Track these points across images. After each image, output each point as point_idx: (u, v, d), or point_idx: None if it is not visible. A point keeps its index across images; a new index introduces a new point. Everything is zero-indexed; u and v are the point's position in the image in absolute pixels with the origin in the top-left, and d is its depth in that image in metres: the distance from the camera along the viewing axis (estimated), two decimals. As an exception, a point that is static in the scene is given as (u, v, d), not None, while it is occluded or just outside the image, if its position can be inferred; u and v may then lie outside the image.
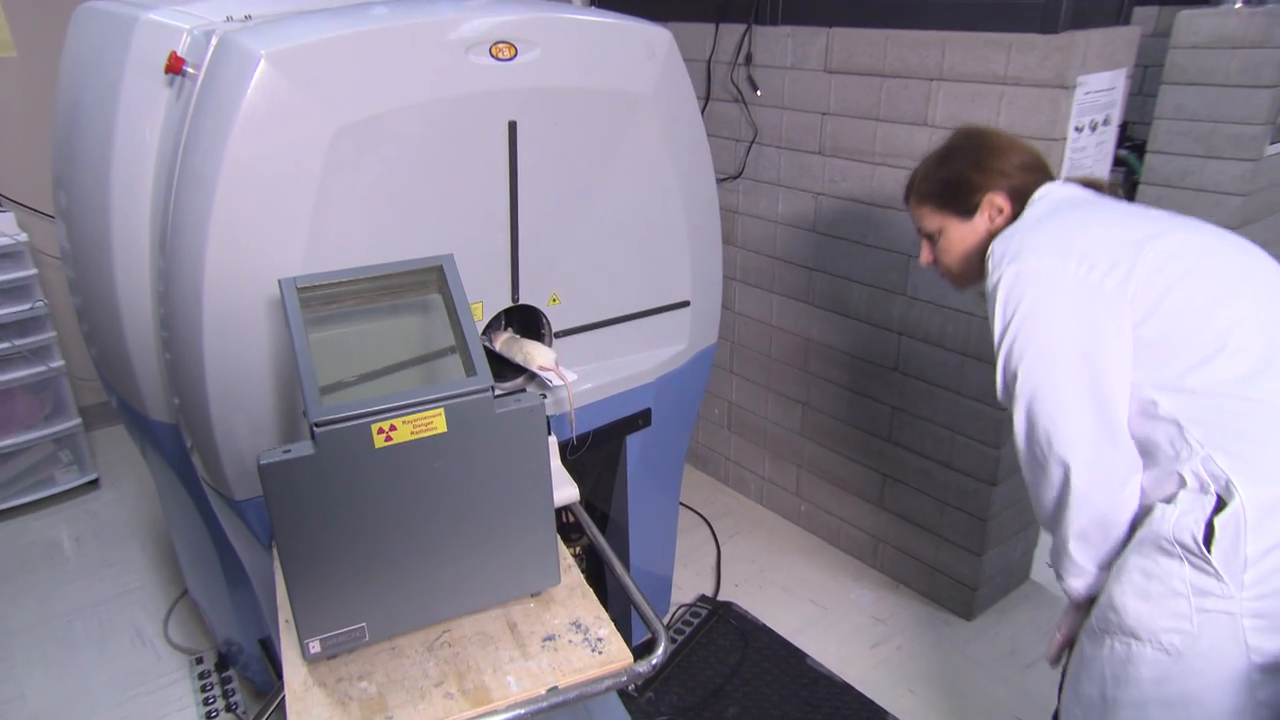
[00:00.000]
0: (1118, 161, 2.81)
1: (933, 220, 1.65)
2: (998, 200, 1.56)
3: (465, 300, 1.34)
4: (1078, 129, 2.18)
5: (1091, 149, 2.25)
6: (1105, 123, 2.26)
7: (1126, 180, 2.92)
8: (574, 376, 1.86)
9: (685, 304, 2.21)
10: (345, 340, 1.40)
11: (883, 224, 2.57)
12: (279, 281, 1.33)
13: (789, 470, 3.23)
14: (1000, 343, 1.32)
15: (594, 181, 1.92)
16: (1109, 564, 1.25)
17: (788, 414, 3.15)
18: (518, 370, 1.99)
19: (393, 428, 1.21)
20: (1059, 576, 1.31)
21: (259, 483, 1.20)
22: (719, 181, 2.93)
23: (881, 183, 2.53)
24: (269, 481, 1.18)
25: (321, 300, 1.36)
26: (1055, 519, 1.27)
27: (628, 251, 2.07)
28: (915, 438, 2.67)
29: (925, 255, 1.71)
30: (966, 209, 1.59)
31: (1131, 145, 3.02)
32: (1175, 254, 1.23)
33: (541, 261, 1.91)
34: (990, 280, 1.43)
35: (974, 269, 1.53)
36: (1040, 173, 1.50)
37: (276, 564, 1.54)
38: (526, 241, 1.85)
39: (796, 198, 2.85)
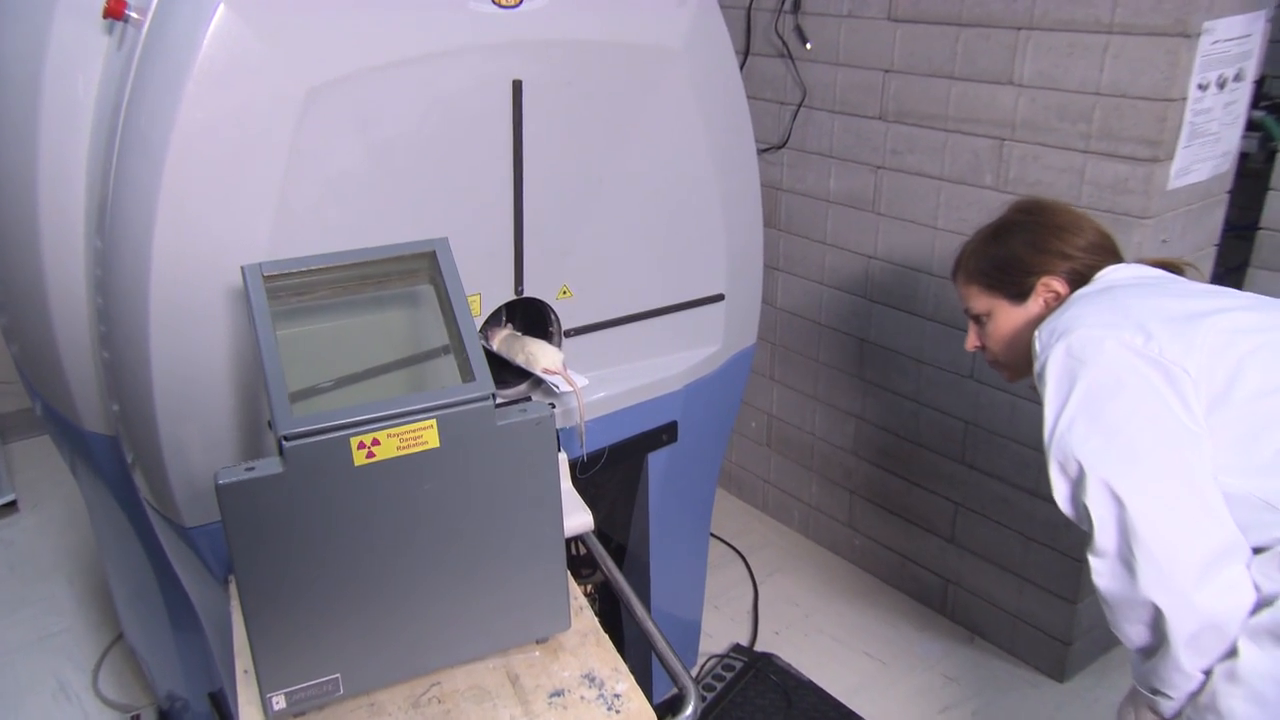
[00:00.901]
0: (1251, 125, 2.51)
1: (981, 301, 1.69)
2: (1054, 284, 1.60)
3: (461, 292, 1.35)
4: (1201, 87, 2.11)
5: (1218, 111, 2.18)
6: (1237, 78, 2.18)
7: (1262, 148, 2.85)
8: (585, 381, 1.87)
9: (719, 298, 2.21)
10: (320, 338, 1.40)
11: (957, 203, 2.56)
12: (242, 268, 1.34)
13: (840, 496, 3.25)
14: (1053, 432, 1.32)
15: (613, 152, 1.93)
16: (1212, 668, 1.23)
17: (839, 429, 3.16)
18: (520, 374, 2.00)
19: (375, 442, 1.22)
20: (1156, 694, 1.29)
21: (214, 506, 1.22)
22: (760, 153, 2.94)
23: (956, 154, 2.53)
24: (228, 505, 1.18)
25: (292, 290, 1.36)
26: (1156, 629, 1.24)
27: (652, 236, 2.07)
28: (994, 459, 2.67)
29: (971, 339, 1.74)
30: (1019, 292, 1.63)
31: (1270, 105, 2.89)
32: (1242, 329, 1.25)
33: (550, 247, 1.91)
34: (1038, 363, 1.45)
35: (1024, 357, 1.57)
36: (1107, 254, 1.55)
37: (234, 603, 1.55)
38: (533, 223, 1.86)
39: (852, 172, 2.86)
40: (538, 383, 2.00)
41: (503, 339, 1.97)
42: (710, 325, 2.23)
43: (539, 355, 1.88)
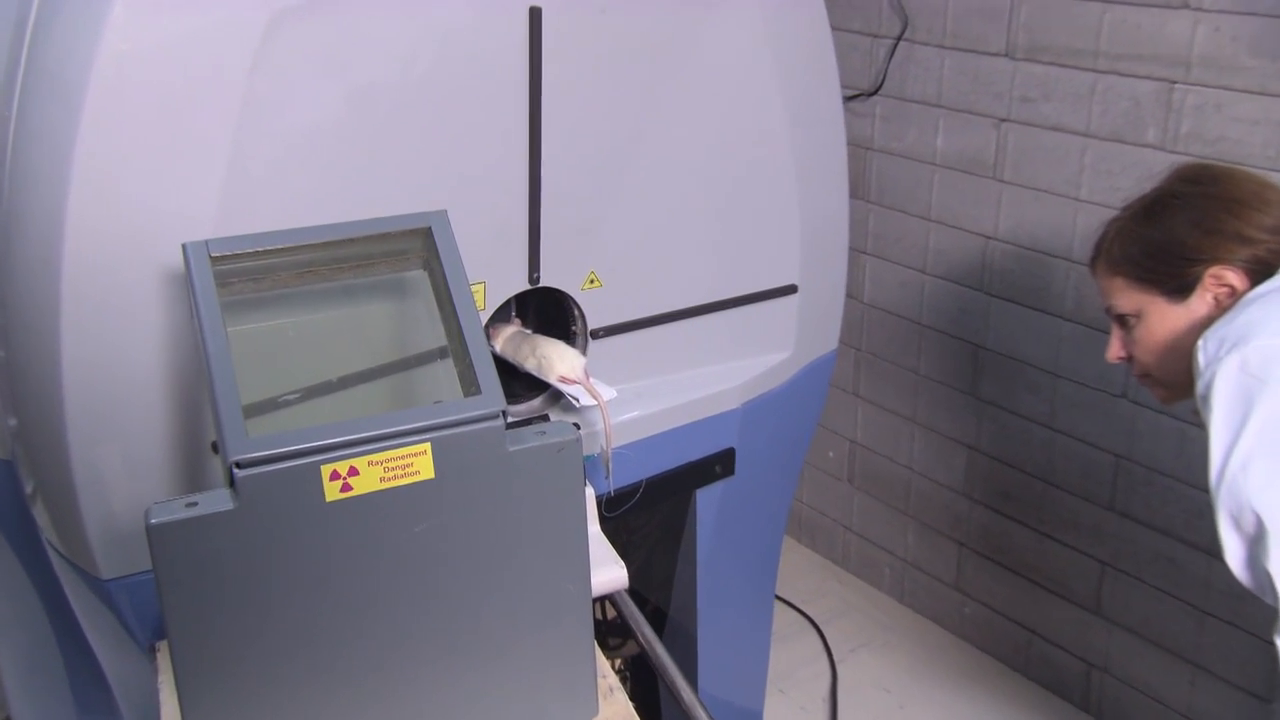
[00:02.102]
0: None
1: (1128, 298, 1.66)
2: (1227, 276, 1.55)
3: (464, 280, 1.36)
4: None
5: None
6: None
7: None
8: (613, 394, 1.88)
9: (790, 290, 2.21)
10: (282, 337, 1.41)
11: (1107, 166, 2.56)
12: (183, 247, 1.35)
13: (946, 550, 3.23)
14: (1222, 473, 1.30)
15: (656, 101, 1.93)
16: None
17: (945, 462, 3.16)
18: (531, 384, 2.01)
19: (353, 471, 1.23)
20: None
21: (141, 553, 1.22)
22: (846, 101, 2.94)
23: (1108, 102, 2.52)
24: (161, 551, 1.19)
25: (247, 275, 1.37)
26: None
27: (704, 209, 2.07)
28: (1155, 505, 2.66)
29: (1115, 348, 1.71)
30: (1179, 286, 1.60)
31: None
32: None
33: (574, 224, 1.92)
34: (1202, 381, 1.42)
35: (1184, 372, 1.52)
36: None
37: (163, 678, 1.56)
38: (553, 192, 1.87)
39: (967, 126, 2.86)
40: (556, 396, 2.00)
41: (508, 338, 1.98)
42: (778, 326, 2.22)
43: (554, 359, 1.88)
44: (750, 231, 2.12)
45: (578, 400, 1.87)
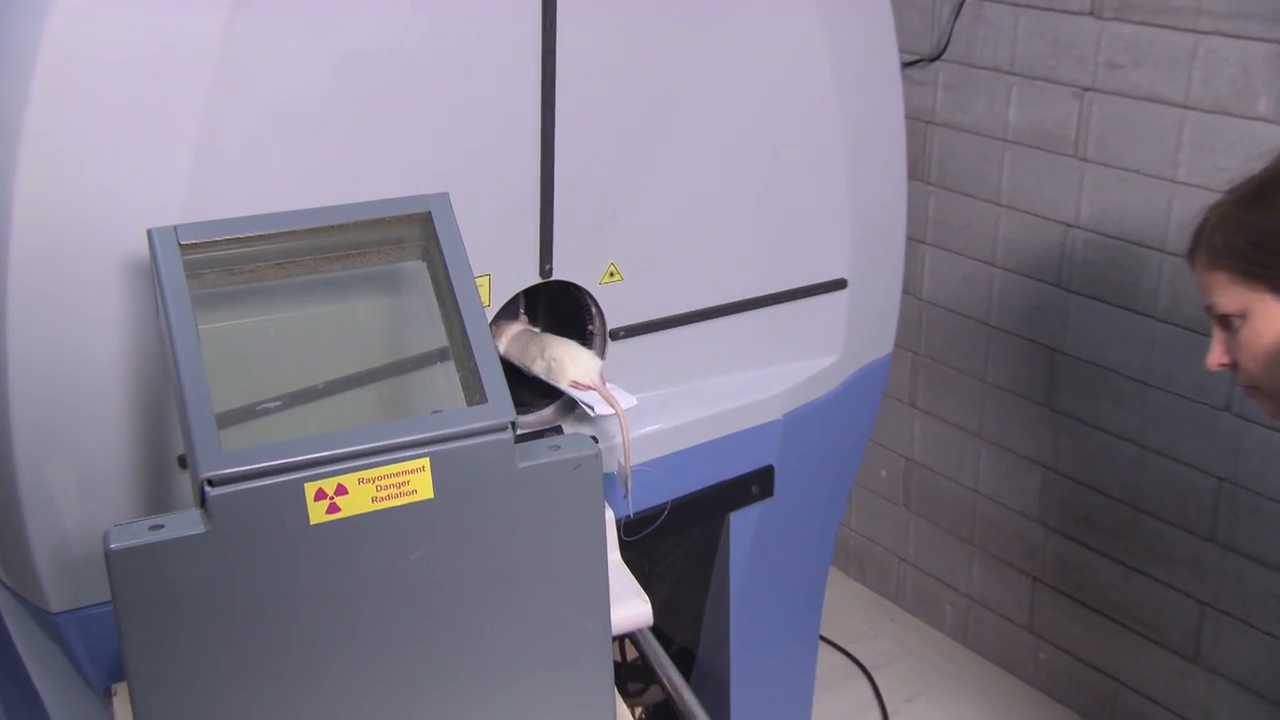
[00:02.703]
0: None
1: (1232, 295, 1.66)
2: None
3: (467, 271, 1.37)
4: None
5: None
6: None
7: None
8: (633, 402, 1.90)
9: (839, 285, 2.22)
10: (261, 336, 1.43)
11: (1210, 143, 2.55)
12: (149, 233, 1.37)
13: (1017, 585, 3.24)
14: None
15: (686, 70, 1.94)
16: None
17: (1017, 484, 3.16)
18: (539, 390, 2.01)
19: (341, 490, 1.25)
20: None
21: (97, 582, 1.25)
22: (904, 68, 2.93)
23: (1211, 68, 2.51)
24: (122, 580, 1.20)
25: (221, 267, 1.39)
26: None
27: (741, 194, 2.08)
28: (1264, 537, 2.65)
29: (1216, 353, 1.70)
30: None
31: None
32: None
33: (592, 210, 1.94)
34: None
35: None
36: None
37: (123, 725, 1.59)
38: (568, 173, 1.88)
39: (1045, 96, 2.85)
40: (570, 406, 2.01)
41: (514, 337, 1.99)
42: (825, 326, 2.23)
43: (567, 362, 1.89)
44: (793, 218, 2.13)
45: (593, 409, 1.88)
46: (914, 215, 3.03)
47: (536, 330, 2.02)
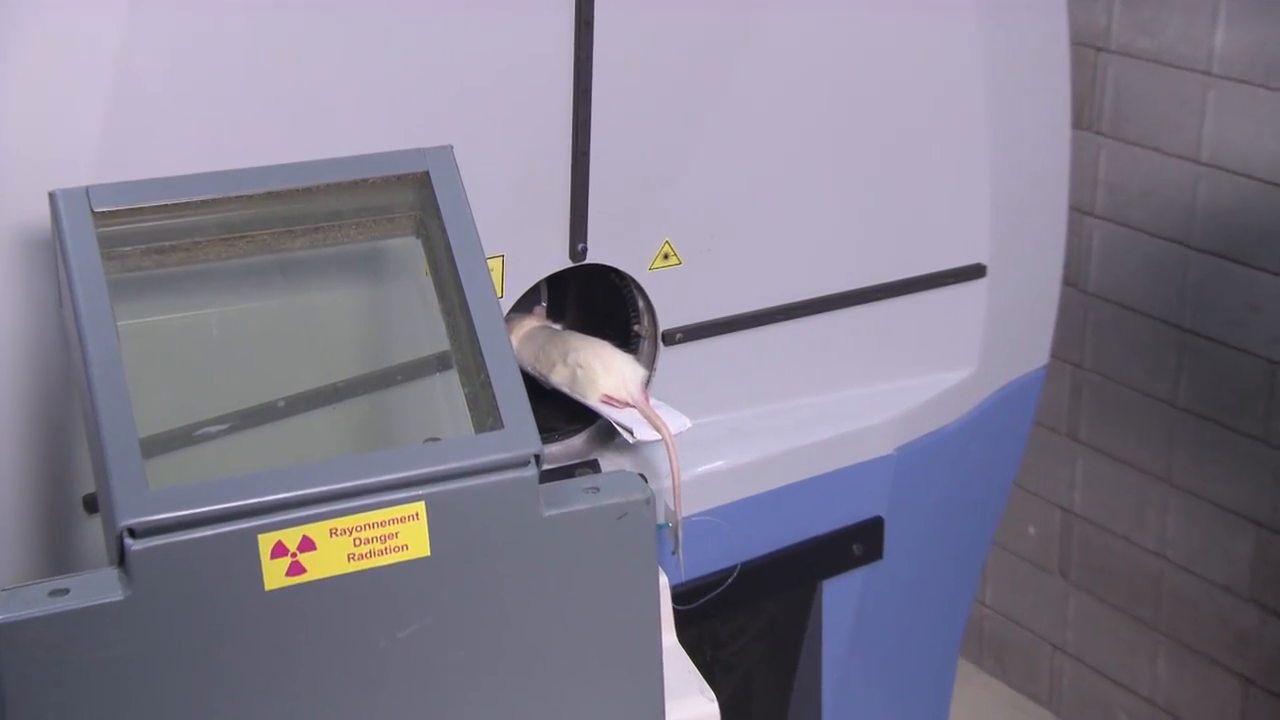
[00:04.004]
0: None
1: None
2: None
3: (477, 251, 1.38)
4: None
5: None
6: None
7: None
8: (684, 424, 1.89)
9: (975, 273, 2.25)
10: (201, 336, 1.45)
11: None
12: (51, 197, 1.38)
13: (1221, 686, 3.20)
14: None
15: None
16: None
17: (1220, 547, 3.12)
18: (570, 412, 2.05)
19: (307, 545, 1.26)
20: None
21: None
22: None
23: None
24: (12, 662, 1.20)
25: (149, 243, 1.40)
26: None
27: (840, 151, 2.10)
28: None
29: None
30: None
31: None
32: None
33: (640, 171, 1.96)
34: None
35: None
36: None
37: None
38: (608, 121, 1.89)
39: (1267, 12, 2.83)
40: (608, 433, 2.04)
41: (528, 335, 2.01)
42: (954, 328, 2.25)
43: (597, 369, 1.91)
44: (911, 183, 2.15)
45: (631, 433, 1.90)
46: (1079, 177, 3.03)
47: (557, 327, 2.04)
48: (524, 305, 2.02)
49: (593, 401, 1.92)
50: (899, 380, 2.23)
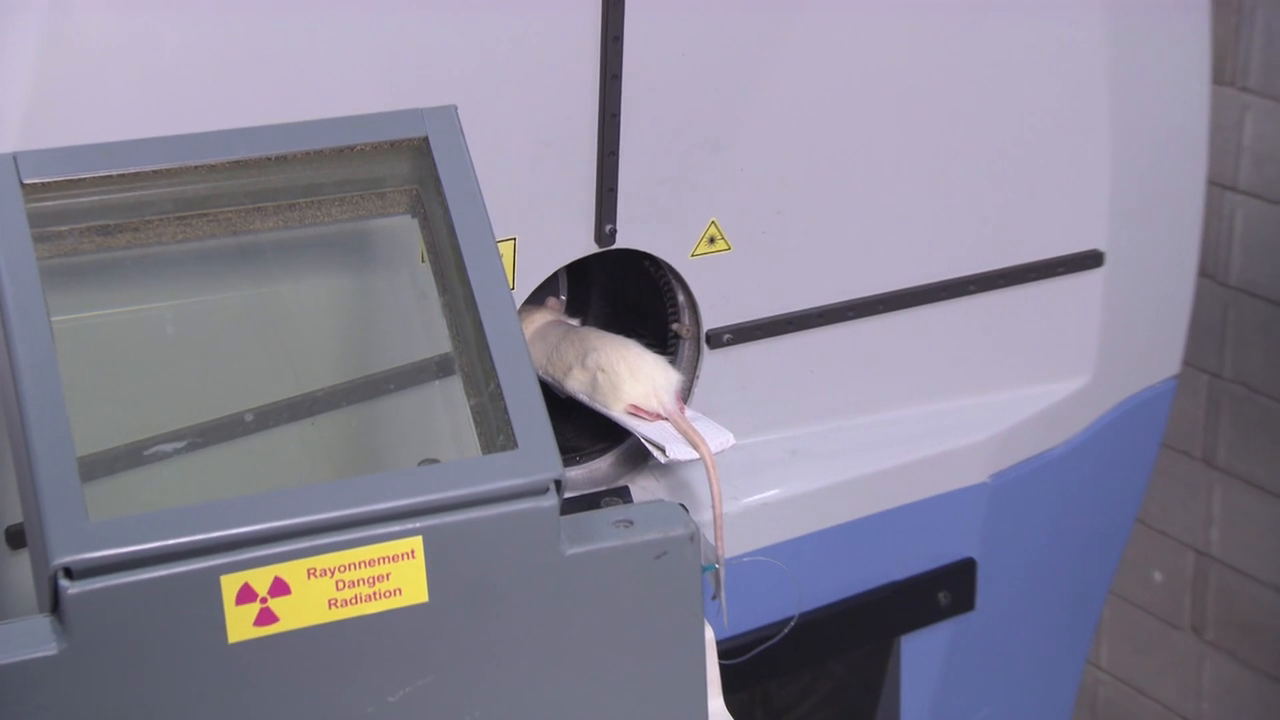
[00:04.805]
0: None
1: None
2: None
3: (486, 233, 1.39)
4: None
5: None
6: None
7: None
8: (727, 440, 1.89)
9: (1091, 261, 2.27)
10: (152, 336, 1.45)
11: None
12: None
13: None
14: None
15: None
16: None
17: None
18: (597, 431, 2.08)
19: (280, 588, 1.26)
20: None
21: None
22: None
23: None
24: None
25: (89, 222, 1.41)
26: None
27: (927, 116, 2.11)
28: None
29: None
30: None
31: None
32: None
33: (682, 136, 1.97)
34: None
35: None
36: None
37: None
38: (641, 75, 1.91)
39: None
40: (638, 455, 2.06)
41: (539, 332, 2.03)
42: (1064, 329, 2.27)
43: (622, 374, 1.93)
44: (1011, 151, 2.16)
45: (663, 451, 1.90)
46: (1218, 143, 3.03)
47: (574, 323, 2.06)
48: (535, 297, 2.03)
49: (616, 413, 1.93)
50: (996, 392, 2.24)
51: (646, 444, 1.92)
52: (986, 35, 2.10)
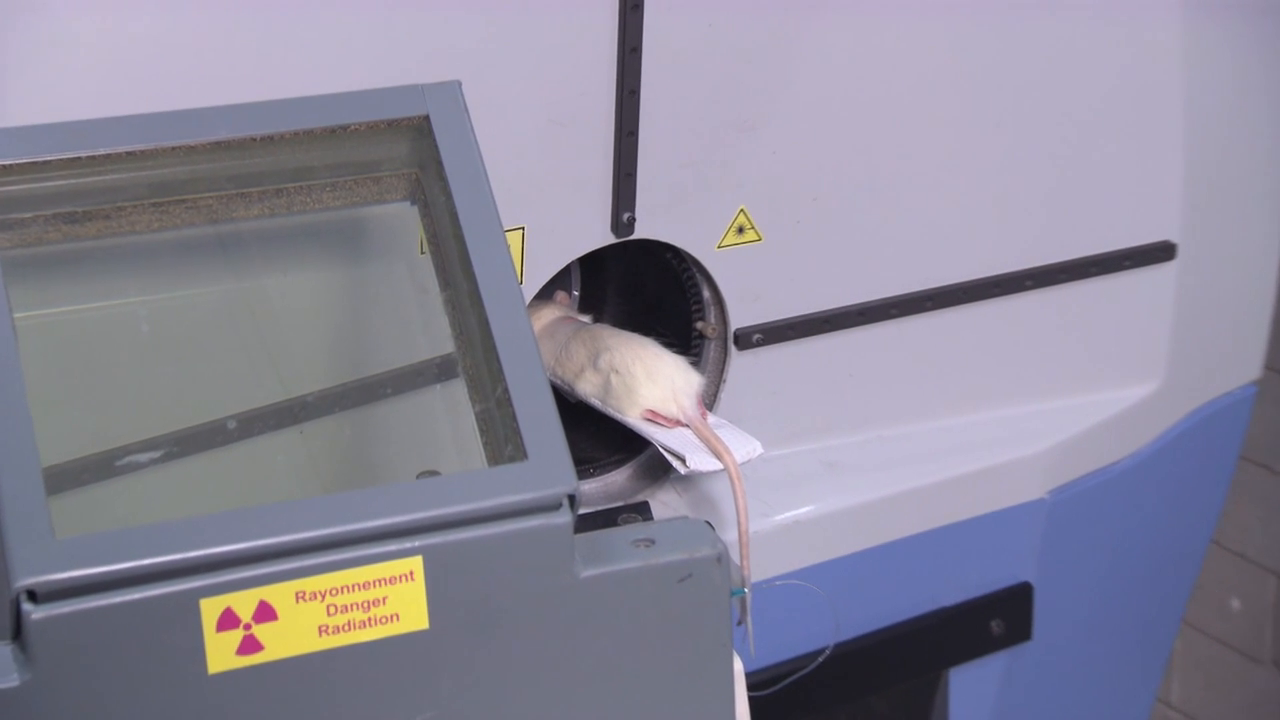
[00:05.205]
0: None
1: None
2: None
3: (493, 222, 1.39)
4: None
5: None
6: None
7: None
8: (754, 449, 1.91)
9: (1162, 253, 2.27)
10: (124, 334, 1.45)
11: None
12: None
13: None
14: None
15: None
16: None
17: None
18: (615, 441, 2.09)
19: (265, 613, 1.26)
20: None
21: None
22: None
23: None
24: None
25: (57, 206, 1.41)
26: None
27: (982, 93, 2.11)
28: None
29: None
30: None
31: None
32: None
33: (709, 112, 1.98)
34: None
35: None
36: None
37: None
38: (664, 46, 1.91)
39: None
40: (659, 467, 2.07)
41: (547, 329, 2.04)
42: (1133, 329, 2.28)
43: (639, 376, 1.93)
44: (1075, 133, 2.16)
45: (683, 461, 1.90)
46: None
47: (586, 319, 2.06)
48: (544, 291, 2.04)
49: (631, 419, 1.93)
50: (1055, 399, 2.25)
51: (665, 453, 1.92)
52: (1053, 5, 2.10)
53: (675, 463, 1.91)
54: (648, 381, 1.92)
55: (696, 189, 2.00)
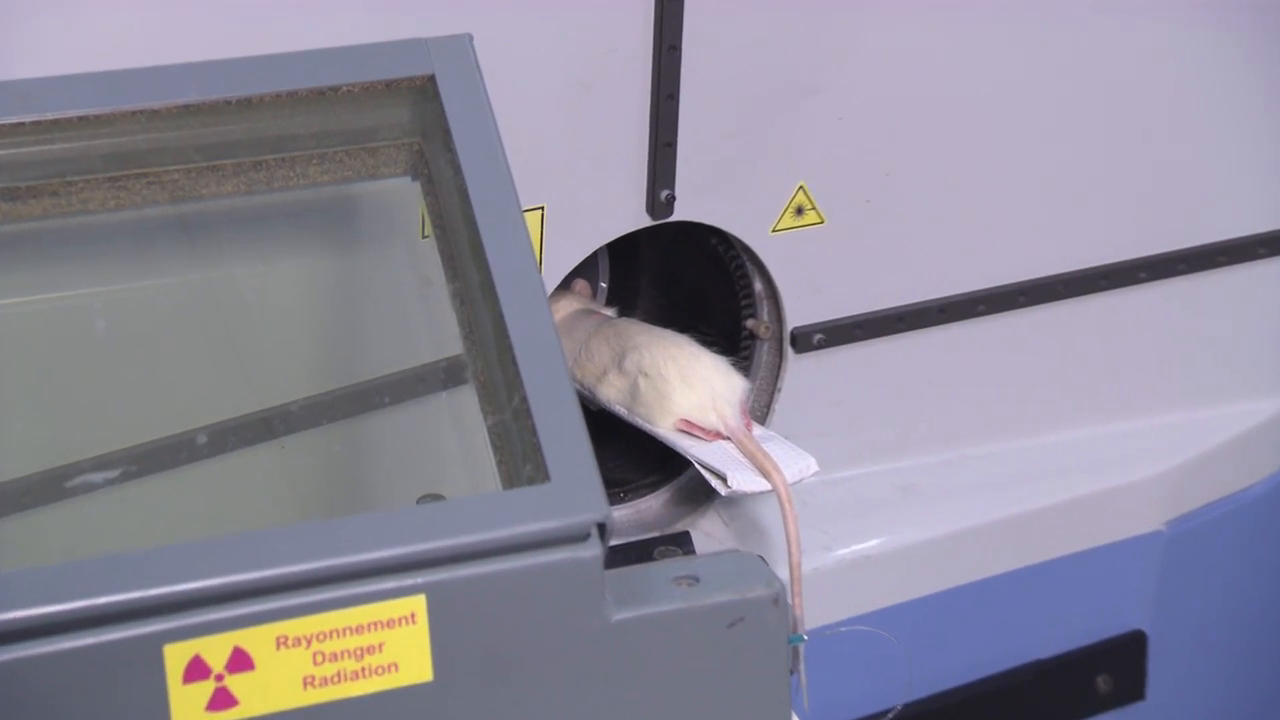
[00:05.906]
0: None
1: None
2: None
3: (511, 201, 1.41)
4: None
5: None
6: None
7: None
8: (809, 467, 1.88)
9: (1276, 247, 2.33)
10: (79, 330, 1.46)
11: None
12: None
13: None
14: None
15: None
16: None
17: None
18: (647, 461, 2.12)
19: (240, 661, 1.27)
20: None
21: None
22: None
23: None
24: None
25: (4, 183, 1.43)
26: None
27: (1077, 58, 2.12)
28: None
29: None
30: None
31: None
32: None
33: (761, 73, 2.00)
34: None
35: None
36: None
37: None
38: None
39: None
40: (701, 491, 2.09)
41: (564, 322, 2.07)
42: (1263, 333, 2.30)
43: (672, 380, 1.95)
44: (1196, 105, 2.18)
45: (724, 480, 1.91)
46: None
47: (610, 313, 2.08)
48: (565, 281, 2.06)
49: (663, 430, 1.95)
50: (1172, 414, 2.25)
51: (703, 470, 1.92)
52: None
53: (715, 482, 1.90)
54: (682, 386, 1.93)
55: (747, 162, 2.01)
